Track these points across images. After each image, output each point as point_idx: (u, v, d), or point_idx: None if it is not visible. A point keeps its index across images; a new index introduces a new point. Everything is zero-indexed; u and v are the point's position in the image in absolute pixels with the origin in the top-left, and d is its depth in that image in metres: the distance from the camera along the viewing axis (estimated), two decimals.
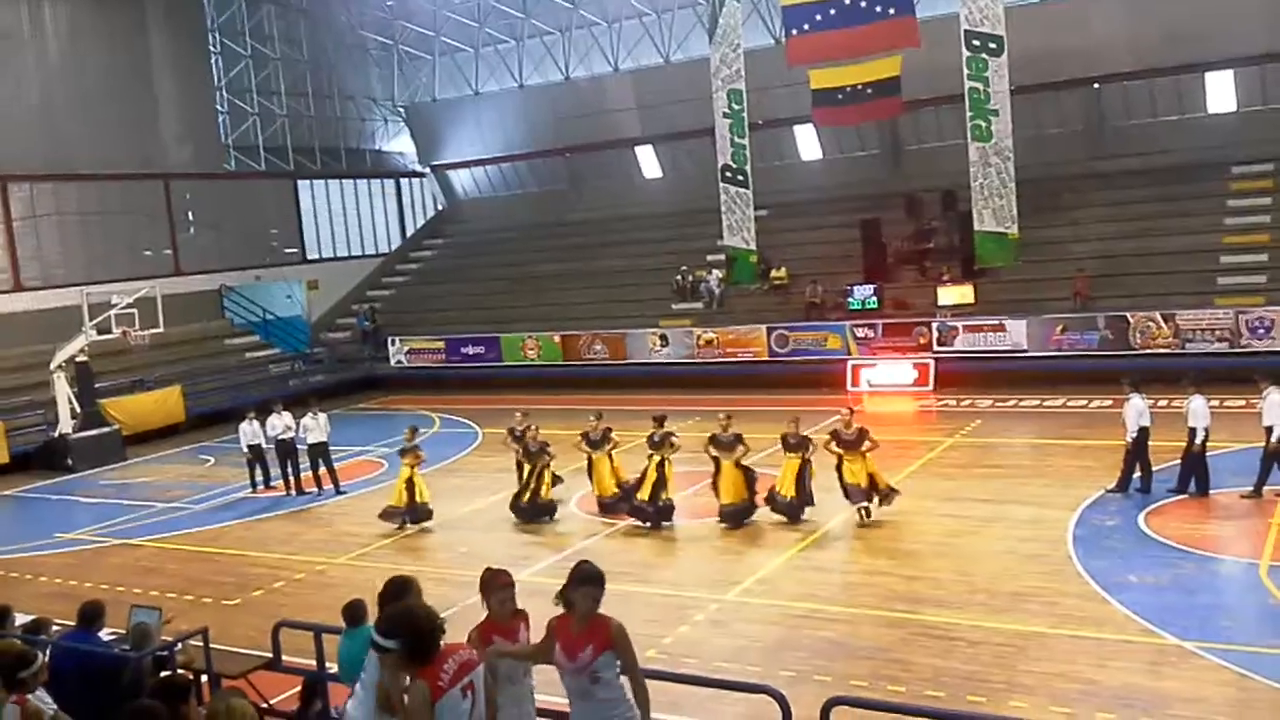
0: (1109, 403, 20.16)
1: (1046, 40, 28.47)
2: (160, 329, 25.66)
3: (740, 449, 15.47)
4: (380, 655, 4.88)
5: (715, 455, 15.61)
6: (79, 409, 24.99)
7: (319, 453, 19.63)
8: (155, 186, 34.10)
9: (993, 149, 25.89)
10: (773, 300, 30.62)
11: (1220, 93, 29.57)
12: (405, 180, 44.32)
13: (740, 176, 29.92)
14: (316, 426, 19.55)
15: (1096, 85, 30.35)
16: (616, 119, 37.51)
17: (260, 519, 18.53)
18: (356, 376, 33.36)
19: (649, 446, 16.00)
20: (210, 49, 37.37)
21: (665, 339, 29.79)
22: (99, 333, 24.73)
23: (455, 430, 25.12)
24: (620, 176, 39.02)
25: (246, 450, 20.17)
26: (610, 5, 36.47)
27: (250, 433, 20.10)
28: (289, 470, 19.84)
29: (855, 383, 26.49)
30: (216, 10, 37.68)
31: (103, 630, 8.73)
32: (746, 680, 8.24)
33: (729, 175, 30.06)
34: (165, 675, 8.46)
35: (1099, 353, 24.55)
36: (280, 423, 19.89)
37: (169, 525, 18.48)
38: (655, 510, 15.63)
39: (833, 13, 27.04)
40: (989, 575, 12.65)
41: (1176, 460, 15.38)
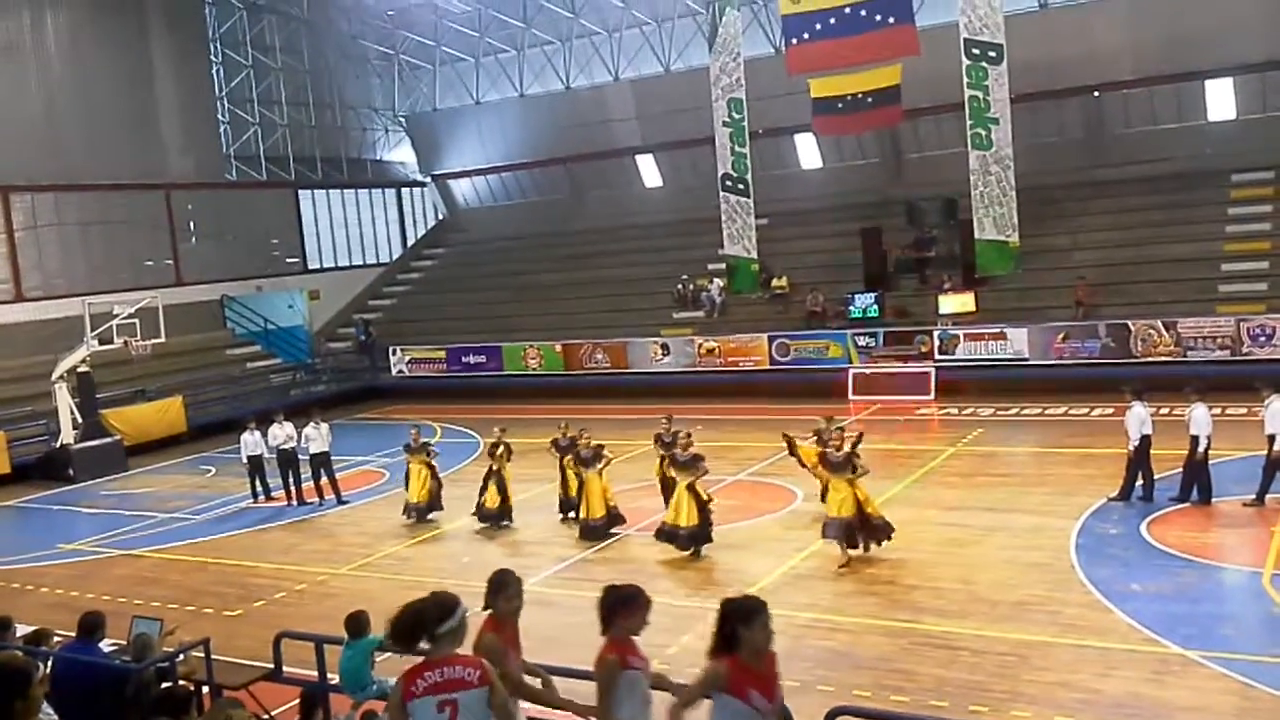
0: (1111, 411, 20.11)
1: (1046, 48, 28.54)
2: (162, 339, 25.66)
3: (701, 469, 14.62)
4: None
5: (672, 475, 15.04)
6: (80, 419, 24.99)
7: (320, 463, 19.63)
8: (157, 196, 34.15)
9: (993, 157, 25.94)
10: (774, 309, 30.64)
11: (1220, 100, 29.61)
12: (406, 190, 44.38)
13: (741, 185, 29.98)
14: (318, 436, 19.55)
15: (1097, 93, 30.39)
16: (617, 128, 37.57)
17: (262, 529, 18.53)
18: (358, 386, 33.37)
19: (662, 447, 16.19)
20: (211, 59, 37.46)
21: (666, 348, 29.79)
22: (101, 343, 24.72)
23: (456, 440, 25.09)
24: (621, 185, 39.07)
25: (247, 461, 20.16)
26: (610, 15, 36.56)
27: (251, 443, 20.09)
28: (290, 480, 19.83)
29: (856, 391, 26.47)
30: (218, 20, 37.77)
31: (104, 641, 8.73)
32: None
33: (729, 184, 30.12)
34: (167, 686, 8.45)
35: (1100, 361, 24.54)
36: (281, 433, 19.87)
37: (170, 536, 18.46)
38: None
39: (832, 22, 27.13)
40: (991, 584, 12.62)
41: (1178, 468, 15.36)
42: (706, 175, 32.26)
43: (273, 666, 9.19)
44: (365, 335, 35.51)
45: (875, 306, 28.22)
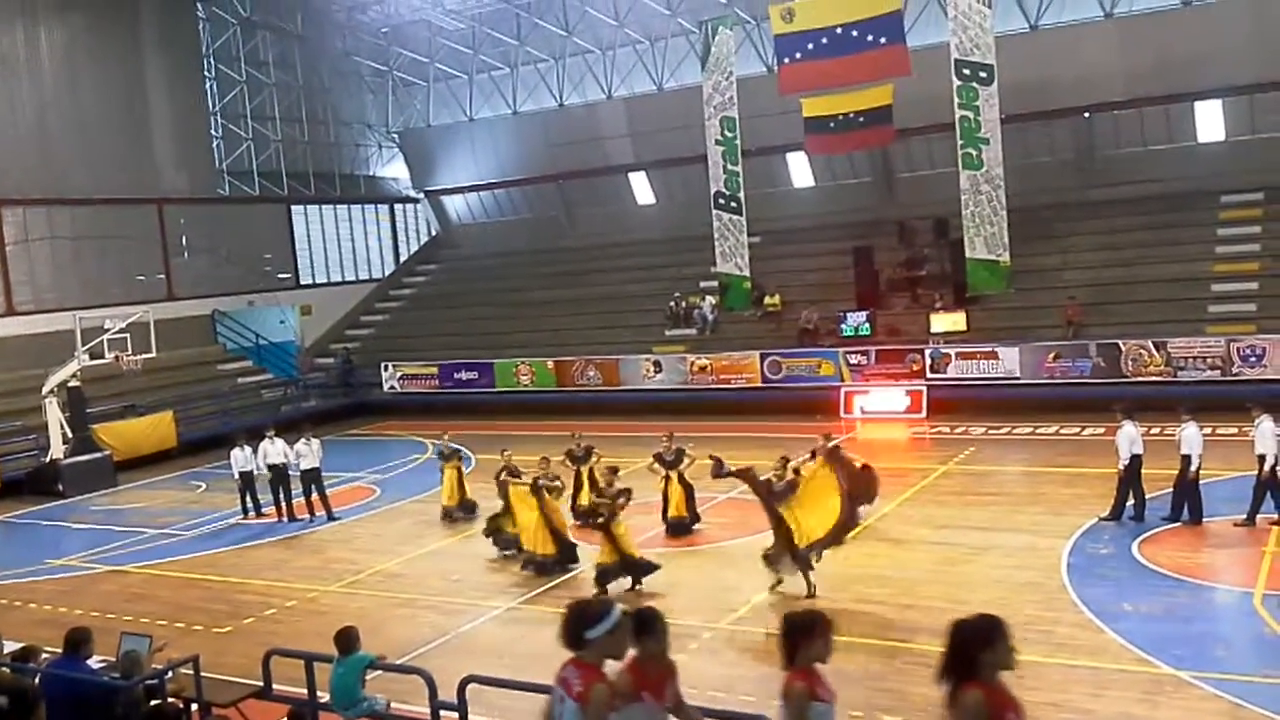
0: (1102, 430, 20.18)
1: (1037, 69, 28.72)
2: (153, 354, 25.62)
3: (685, 462, 16.52)
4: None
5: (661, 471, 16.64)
6: (70, 434, 24.88)
7: (311, 479, 19.57)
8: (149, 211, 34.12)
9: (984, 177, 26.07)
10: (766, 326, 30.69)
11: (1210, 122, 29.81)
12: (399, 206, 44.40)
13: (733, 203, 30.08)
14: (309, 452, 19.49)
15: (1087, 114, 30.57)
16: (610, 146, 37.66)
17: (252, 546, 18.44)
18: (349, 402, 33.29)
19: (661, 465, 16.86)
20: (205, 74, 37.52)
21: (659, 365, 29.80)
22: (91, 357, 24.67)
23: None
24: (613, 203, 39.15)
25: (238, 476, 20.08)
26: (604, 33, 36.72)
27: (241, 459, 20.02)
28: (281, 496, 19.77)
29: (848, 409, 26.51)
30: (212, 36, 37.86)
31: (91, 657, 8.68)
32: (740, 710, 8.20)
33: (722, 202, 30.21)
34: (156, 704, 8.42)
35: (1091, 380, 24.61)
36: (273, 449, 19.82)
37: (160, 552, 18.37)
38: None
39: (825, 42, 27.28)
40: (983, 604, 12.54)
41: (1169, 488, 15.38)
42: (699, 193, 32.35)
43: (262, 684, 9.15)
44: (346, 362, 35.35)
45: (867, 325, 28.29)
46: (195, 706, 8.81)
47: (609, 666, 5.06)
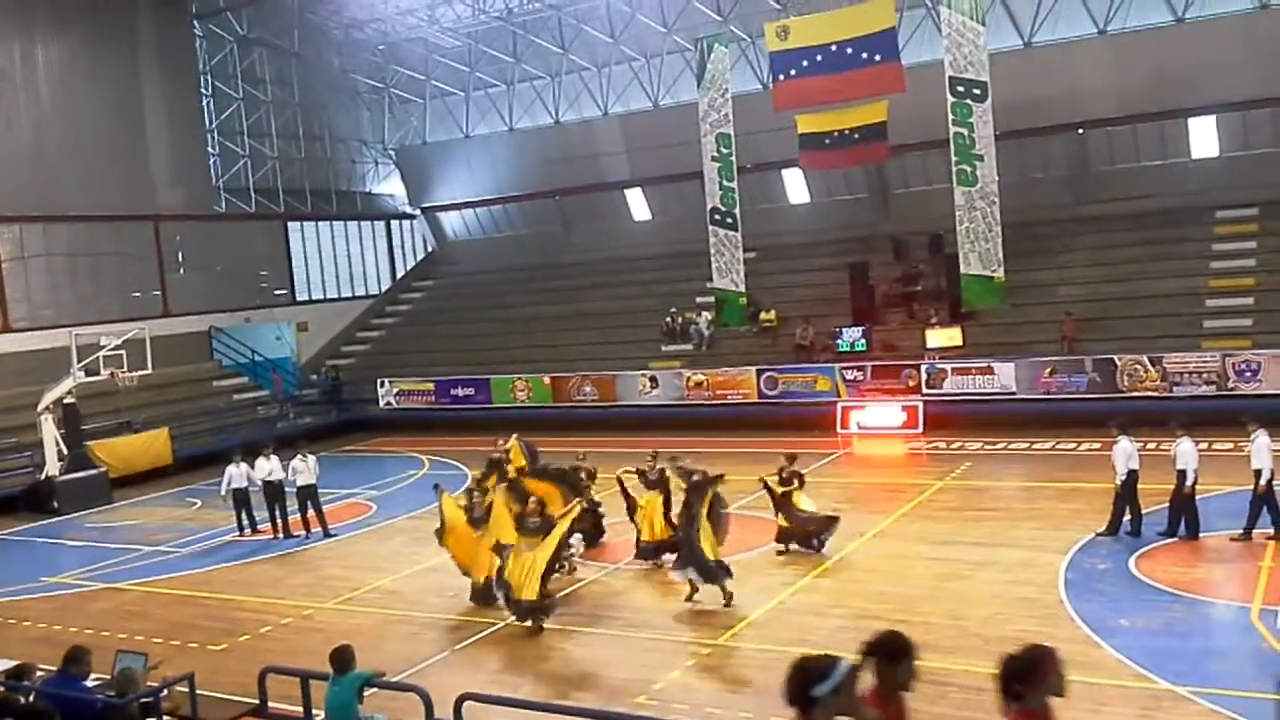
0: (1098, 445, 20.18)
1: (1031, 86, 28.86)
2: (149, 370, 25.55)
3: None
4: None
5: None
6: (66, 451, 24.81)
7: (307, 495, 19.52)
8: (145, 228, 34.12)
9: (978, 193, 26.16)
10: (762, 342, 30.72)
11: (1204, 138, 29.94)
12: (395, 222, 44.46)
13: (729, 219, 30.16)
14: (305, 469, 19.44)
15: (1081, 130, 30.70)
16: (606, 162, 37.77)
17: (247, 563, 18.38)
18: (345, 418, 33.24)
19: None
20: (202, 91, 37.58)
21: (655, 381, 29.81)
22: (87, 374, 24.60)
23: (444, 472, 24.98)
24: (610, 219, 39.24)
25: (233, 493, 20.03)
26: (599, 50, 36.86)
27: (237, 475, 19.99)
28: (276, 513, 19.73)
29: (845, 425, 26.52)
30: (208, 53, 37.97)
31: (88, 675, 8.66)
32: None
33: (718, 218, 30.29)
34: None
35: (1087, 395, 24.64)
36: (268, 465, 19.79)
37: (155, 569, 18.29)
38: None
39: (819, 59, 27.41)
40: (981, 619, 12.60)
41: (1166, 503, 15.39)
42: (695, 209, 32.43)
43: (258, 702, 9.12)
44: (333, 380, 35.31)
45: (863, 340, 28.33)
46: None
47: None
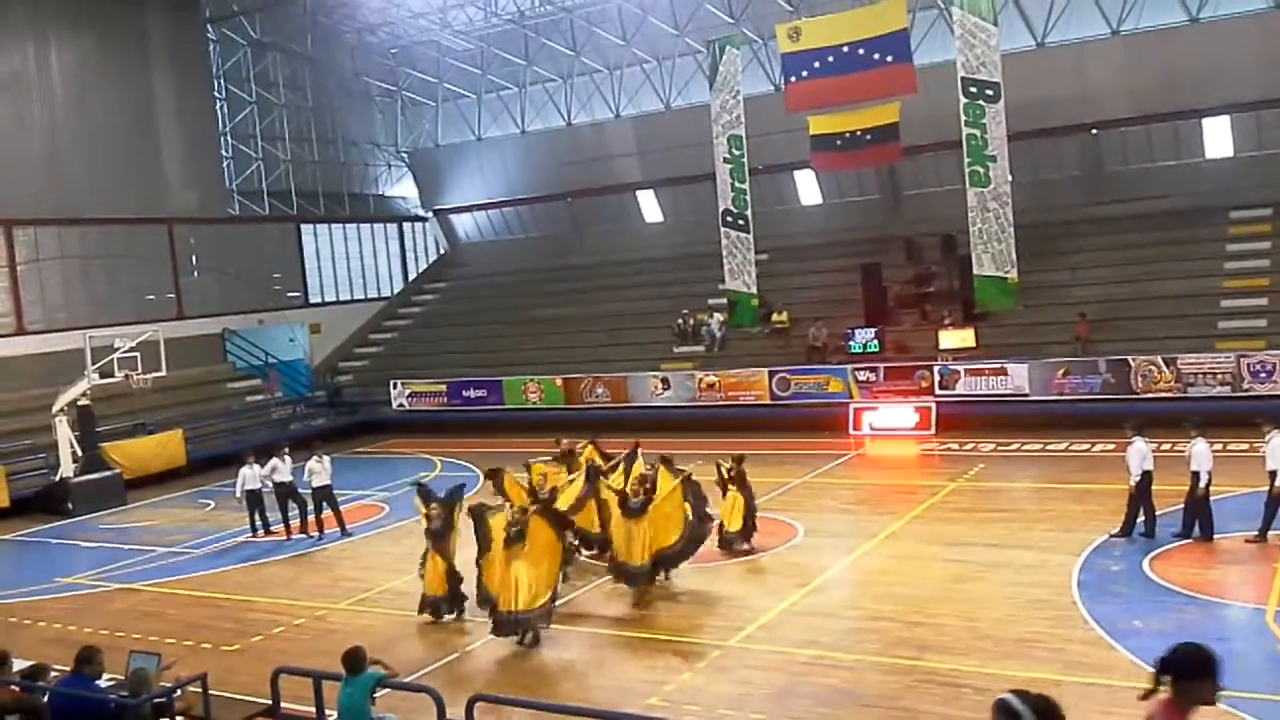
0: (1112, 447, 20.11)
1: (1044, 86, 28.77)
2: (162, 372, 25.64)
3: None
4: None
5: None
6: (80, 453, 24.94)
7: (323, 496, 19.59)
8: (159, 230, 34.26)
9: (991, 194, 26.08)
10: (774, 343, 30.67)
11: (1217, 138, 29.80)
12: (408, 224, 44.59)
13: (741, 221, 30.13)
14: (321, 470, 19.52)
15: (1094, 131, 30.58)
16: (618, 164, 37.80)
17: (260, 564, 18.45)
18: (358, 420, 33.31)
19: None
20: (215, 94, 37.74)
21: (667, 382, 29.80)
22: (101, 376, 24.72)
23: (457, 474, 24.99)
24: (622, 221, 39.25)
25: (246, 494, 20.10)
26: (611, 53, 36.88)
27: (250, 476, 20.06)
28: (289, 514, 19.79)
29: (857, 426, 26.46)
30: (222, 57, 38.12)
31: (100, 675, 8.69)
32: None
33: (730, 219, 30.27)
34: None
35: (1101, 397, 24.53)
36: (282, 466, 19.85)
37: (169, 570, 18.37)
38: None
39: (831, 60, 27.37)
40: (994, 621, 12.56)
41: (1180, 504, 15.32)
42: (707, 211, 32.41)
43: (270, 703, 9.13)
44: (335, 385, 35.40)
45: (875, 342, 28.26)
46: None
47: None
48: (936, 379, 26.37)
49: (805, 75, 27.90)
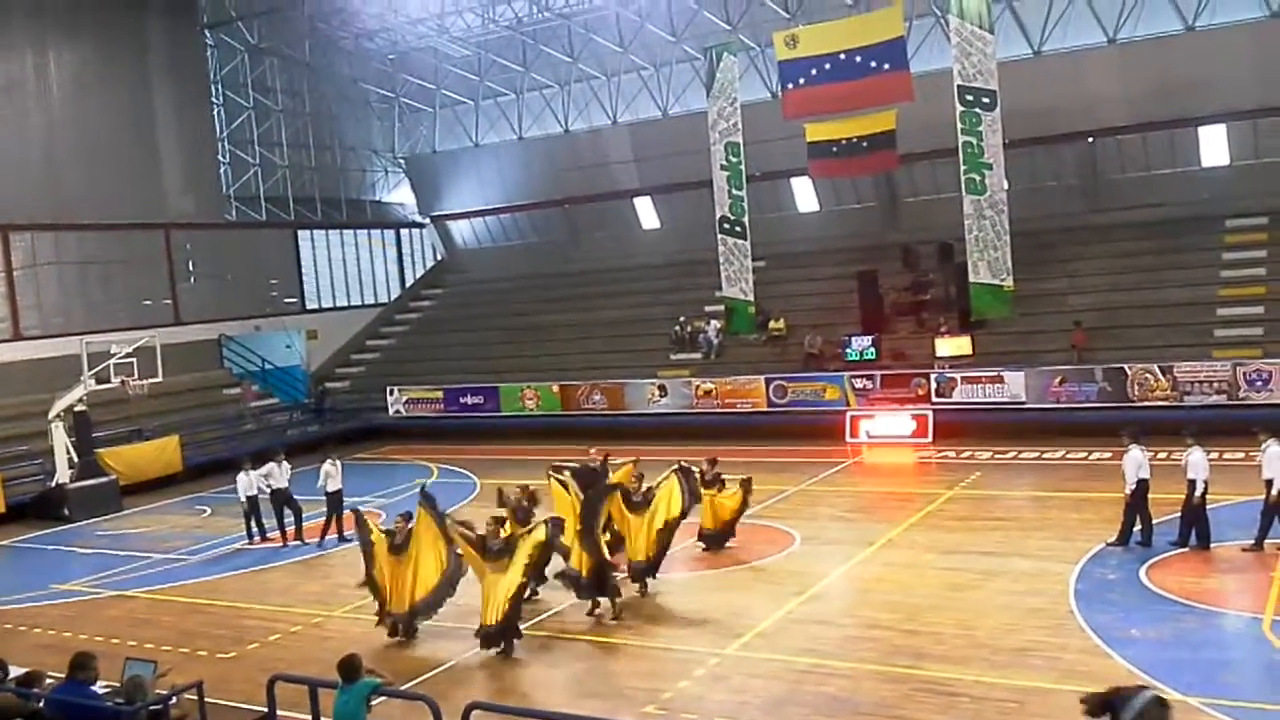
0: (1108, 455, 20.13)
1: (1040, 94, 28.84)
2: (159, 378, 25.59)
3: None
4: None
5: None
6: (76, 458, 24.91)
7: (337, 502, 19.60)
8: (156, 236, 34.26)
9: (987, 202, 26.10)
10: (771, 351, 30.69)
11: (1214, 146, 29.85)
12: (405, 230, 44.62)
13: (738, 228, 30.14)
14: (336, 473, 19.58)
15: (1090, 139, 30.64)
16: (615, 171, 37.84)
17: (257, 570, 18.41)
18: (355, 426, 33.29)
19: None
20: (213, 100, 37.76)
21: (664, 389, 29.80)
22: (98, 382, 24.68)
23: (453, 480, 25.04)
24: (619, 227, 39.27)
25: (244, 501, 20.07)
26: (609, 59, 36.94)
27: (247, 483, 20.03)
28: (284, 520, 19.77)
29: (854, 434, 26.46)
30: (220, 62, 38.15)
31: (95, 681, 8.68)
32: None
33: (727, 226, 30.28)
34: None
35: (1097, 405, 24.54)
36: (278, 472, 19.84)
37: (165, 577, 18.34)
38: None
39: (828, 67, 27.38)
40: (991, 629, 12.56)
41: (1177, 513, 15.34)
42: (704, 218, 32.41)
43: (266, 710, 9.11)
44: (321, 396, 35.42)
45: (872, 349, 28.28)
46: None
47: None
48: (933, 387, 26.38)
49: (802, 82, 27.91)
